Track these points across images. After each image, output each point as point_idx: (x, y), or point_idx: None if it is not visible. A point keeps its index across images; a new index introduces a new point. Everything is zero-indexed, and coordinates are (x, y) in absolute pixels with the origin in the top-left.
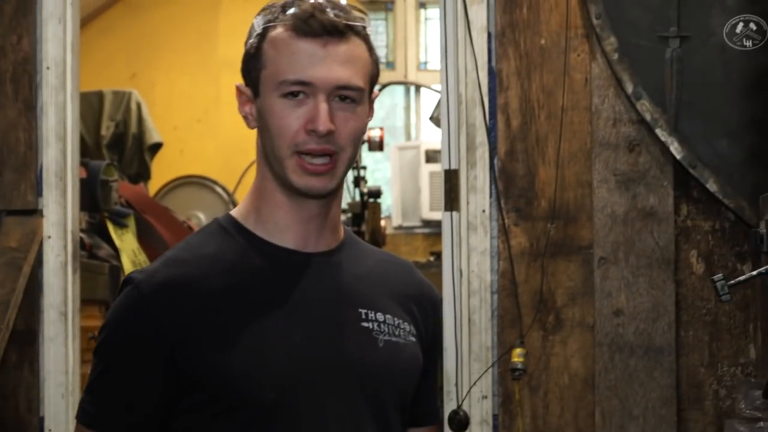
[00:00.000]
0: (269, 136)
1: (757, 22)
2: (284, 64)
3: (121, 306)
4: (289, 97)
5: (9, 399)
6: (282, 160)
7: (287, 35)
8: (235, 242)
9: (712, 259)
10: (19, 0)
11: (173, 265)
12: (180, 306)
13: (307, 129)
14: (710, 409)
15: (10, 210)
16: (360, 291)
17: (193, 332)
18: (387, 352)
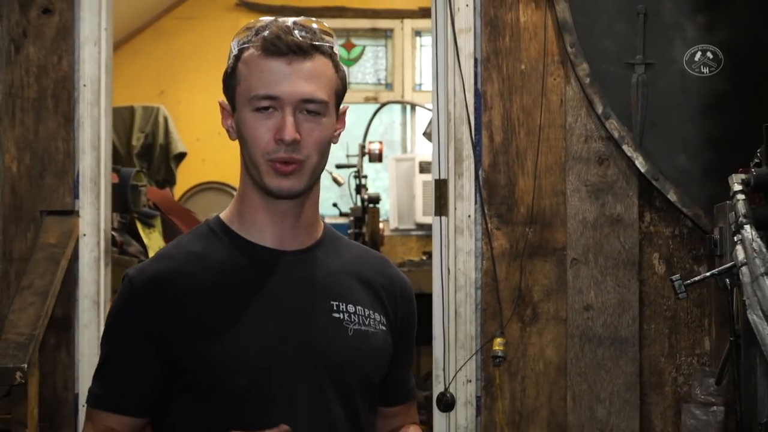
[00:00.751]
0: (246, 145)
1: (713, 51)
2: (254, 81)
3: (118, 300)
4: (260, 111)
5: (47, 378)
6: (258, 166)
7: (257, 55)
8: (220, 241)
9: (672, 261)
10: (59, 25)
11: (161, 261)
12: (167, 298)
13: (276, 139)
14: (669, 394)
15: (50, 210)
16: (333, 284)
17: (179, 321)
18: (356, 340)
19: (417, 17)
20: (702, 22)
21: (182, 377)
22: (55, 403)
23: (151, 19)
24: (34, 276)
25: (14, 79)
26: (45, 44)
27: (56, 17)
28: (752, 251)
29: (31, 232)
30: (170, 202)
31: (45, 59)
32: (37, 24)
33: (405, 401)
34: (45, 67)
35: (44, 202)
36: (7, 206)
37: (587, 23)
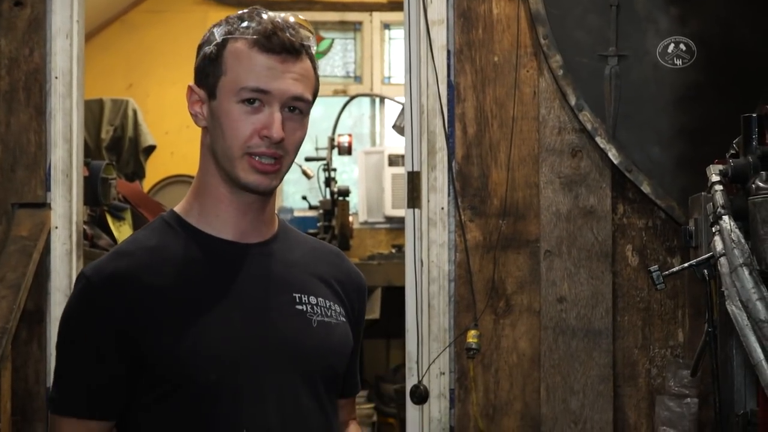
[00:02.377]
0: (221, 135)
1: (686, 43)
2: (244, 73)
3: (75, 300)
4: (245, 104)
5: (19, 371)
6: (233, 158)
7: (249, 48)
8: (178, 236)
9: (645, 253)
10: (31, 17)
11: (119, 259)
12: (126, 295)
13: (261, 134)
14: (643, 386)
15: (22, 203)
16: (293, 277)
17: (143, 318)
18: (320, 332)
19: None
20: (675, 13)
21: (148, 375)
22: (27, 397)
23: (119, 11)
24: (6, 269)
25: None
26: (17, 36)
27: (28, 9)
28: (731, 242)
29: (2, 225)
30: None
31: (16, 51)
32: (9, 16)
33: (352, 394)
34: (16, 60)
35: (16, 194)
36: None
37: (560, 15)
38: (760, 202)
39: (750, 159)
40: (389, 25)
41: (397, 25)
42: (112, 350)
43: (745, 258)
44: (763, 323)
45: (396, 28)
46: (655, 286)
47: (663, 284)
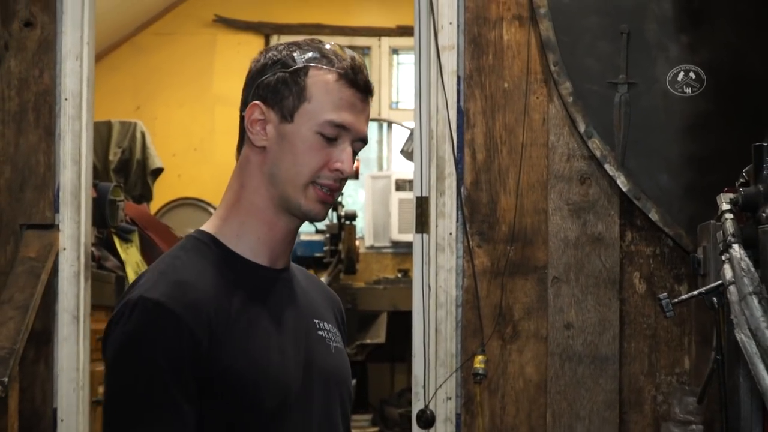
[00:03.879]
0: (290, 160)
1: (696, 72)
2: (331, 105)
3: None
4: (323, 135)
5: (26, 392)
6: (298, 185)
7: (335, 81)
8: (219, 260)
9: (653, 281)
10: (41, 38)
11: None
12: (201, 318)
13: (332, 167)
14: (649, 412)
15: (30, 224)
16: (310, 303)
17: (217, 344)
18: (338, 357)
19: (395, 35)
20: (685, 42)
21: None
22: (34, 417)
23: (128, 34)
24: (14, 290)
25: None
26: (26, 57)
27: (38, 30)
28: (740, 270)
29: (11, 246)
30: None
31: (26, 72)
32: (19, 37)
33: None
34: (26, 80)
35: (24, 215)
36: None
37: (570, 42)
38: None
39: (760, 188)
40: (397, 50)
41: (406, 50)
42: (191, 377)
43: (755, 286)
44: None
45: (404, 53)
46: (665, 313)
47: (672, 312)
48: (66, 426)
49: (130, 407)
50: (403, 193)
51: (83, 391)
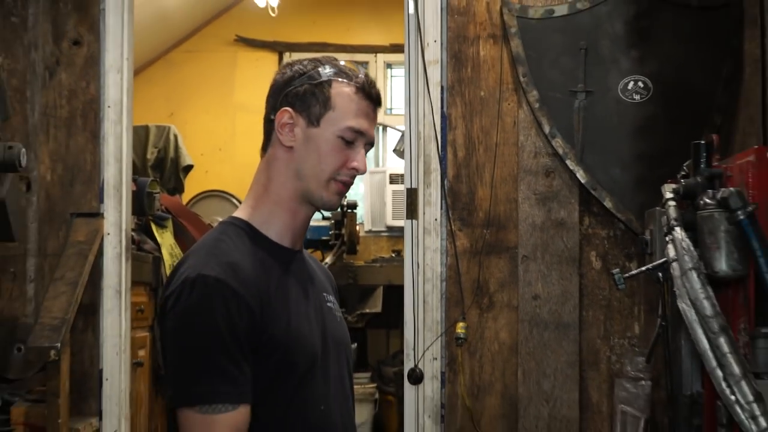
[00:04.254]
0: (315, 159)
1: (644, 81)
2: (352, 113)
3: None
4: (343, 139)
5: (76, 355)
6: (321, 180)
7: (354, 93)
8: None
9: (607, 258)
10: (87, 55)
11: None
12: (251, 291)
13: (350, 166)
14: (605, 370)
15: (79, 213)
16: (318, 278)
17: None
18: (342, 325)
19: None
20: (635, 55)
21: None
22: (83, 377)
23: (163, 51)
24: (65, 269)
25: (48, 101)
26: (75, 71)
27: (85, 48)
28: (682, 249)
29: (62, 232)
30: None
31: (75, 84)
32: (68, 54)
33: None
34: (75, 91)
35: (74, 205)
36: (42, 209)
37: (537, 57)
38: (706, 216)
39: (698, 179)
40: (391, 65)
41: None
42: (247, 342)
43: (694, 263)
44: (709, 318)
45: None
46: (617, 286)
47: (624, 285)
48: (110, 384)
49: (196, 366)
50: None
51: (125, 354)
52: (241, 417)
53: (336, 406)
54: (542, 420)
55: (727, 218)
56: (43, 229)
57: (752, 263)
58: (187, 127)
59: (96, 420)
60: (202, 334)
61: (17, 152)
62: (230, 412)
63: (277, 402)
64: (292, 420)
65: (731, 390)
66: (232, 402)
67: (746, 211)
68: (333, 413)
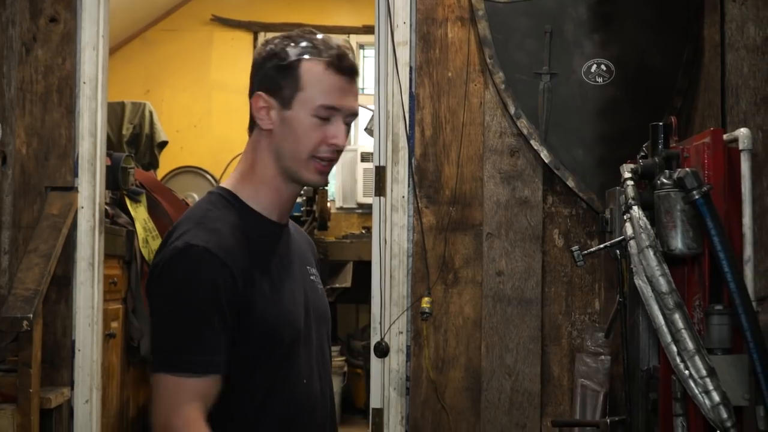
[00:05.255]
0: (293, 140)
1: (606, 64)
2: (321, 91)
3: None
4: (318, 117)
5: (49, 326)
6: (301, 160)
7: (324, 69)
8: (240, 214)
9: (569, 236)
10: (63, 32)
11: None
12: (237, 262)
13: (329, 143)
14: (566, 345)
15: (54, 186)
16: (302, 252)
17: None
18: (323, 297)
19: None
20: (598, 39)
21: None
22: (56, 348)
23: (139, 30)
24: (39, 241)
25: (25, 76)
26: (51, 48)
27: (61, 25)
28: (639, 228)
29: (37, 205)
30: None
31: (51, 60)
32: (45, 31)
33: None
34: (51, 67)
35: (49, 179)
36: (18, 183)
37: (503, 39)
38: (663, 195)
39: (656, 160)
40: (363, 46)
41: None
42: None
43: (651, 241)
44: (665, 295)
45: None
46: (576, 263)
47: (583, 262)
48: (82, 355)
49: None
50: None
51: (97, 326)
52: (209, 385)
53: (317, 379)
54: (504, 393)
55: (683, 198)
56: (18, 202)
57: (707, 242)
58: (164, 105)
59: (68, 390)
60: (186, 304)
61: None
62: (199, 378)
63: (261, 375)
64: (276, 393)
65: (685, 365)
66: (204, 371)
67: (701, 191)
68: (314, 386)
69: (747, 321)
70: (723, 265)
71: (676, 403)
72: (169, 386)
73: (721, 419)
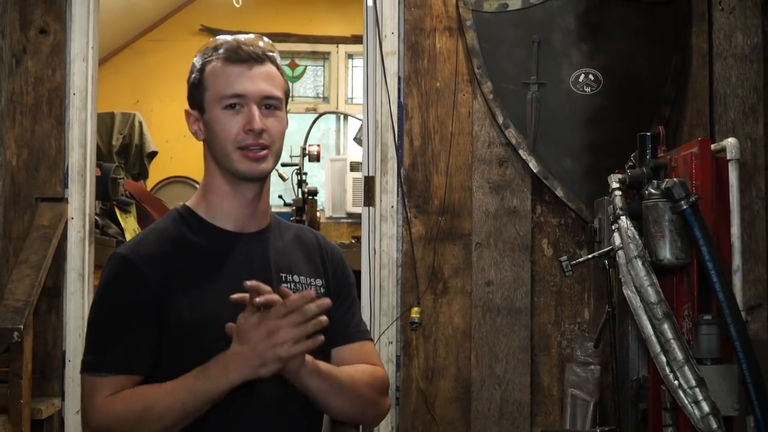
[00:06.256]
0: (216, 139)
1: (594, 74)
2: (221, 84)
3: (114, 272)
4: (228, 109)
5: (39, 337)
6: (228, 154)
7: (222, 64)
8: (190, 226)
9: (558, 246)
10: (53, 43)
11: (147, 244)
12: (159, 271)
13: (246, 129)
14: (555, 354)
15: (44, 197)
16: (281, 259)
17: (168, 293)
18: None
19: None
20: (585, 49)
21: (168, 338)
22: (46, 358)
23: (128, 40)
24: (29, 252)
25: (15, 87)
26: (41, 59)
27: (51, 37)
28: (627, 238)
29: (27, 216)
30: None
31: (41, 72)
32: (35, 42)
33: (354, 340)
34: (41, 78)
35: (39, 190)
36: (8, 194)
37: (491, 49)
38: (651, 206)
39: (644, 170)
40: (352, 55)
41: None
42: (148, 315)
43: (639, 251)
44: (653, 305)
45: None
46: (564, 273)
47: (571, 272)
48: (73, 365)
49: (92, 337)
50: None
51: None
52: (119, 385)
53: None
54: (495, 403)
55: (671, 208)
56: (8, 213)
57: (695, 252)
58: (153, 115)
59: (59, 400)
60: (103, 307)
61: None
62: (112, 377)
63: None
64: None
65: (675, 375)
66: (114, 371)
67: (689, 201)
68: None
69: (736, 331)
70: (711, 274)
71: (666, 413)
72: (83, 384)
73: (711, 429)
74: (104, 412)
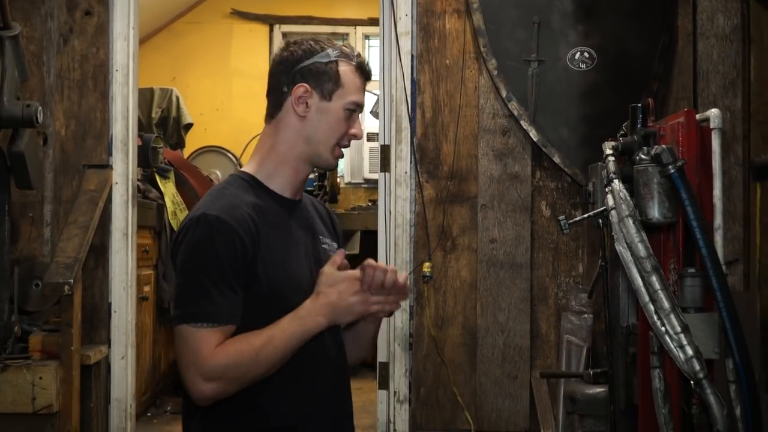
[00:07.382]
0: (327, 128)
1: (589, 52)
2: (353, 89)
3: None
4: (348, 111)
5: (88, 290)
6: (329, 146)
7: (354, 71)
8: (257, 192)
9: (556, 207)
10: (97, 24)
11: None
12: (249, 232)
13: (350, 134)
14: (552, 305)
15: (90, 164)
16: (315, 224)
17: (257, 251)
18: None
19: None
20: (581, 29)
21: (254, 293)
22: (94, 310)
23: (166, 22)
24: (78, 214)
25: (62, 65)
26: (86, 39)
27: (95, 18)
28: (619, 199)
29: (75, 181)
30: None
31: (86, 50)
32: (81, 23)
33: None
34: (86, 56)
35: (86, 158)
36: (58, 161)
37: (496, 29)
38: (642, 170)
39: (635, 138)
40: (368, 36)
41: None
42: (241, 272)
43: (630, 211)
44: (643, 259)
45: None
46: (562, 230)
47: (568, 229)
48: (118, 316)
49: (193, 290)
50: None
51: (131, 289)
52: (222, 334)
53: (329, 339)
54: (498, 348)
55: (659, 172)
56: (58, 179)
57: (681, 211)
58: (189, 90)
59: (105, 347)
60: (202, 264)
61: (34, 110)
62: (213, 327)
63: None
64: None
65: (662, 322)
66: (218, 321)
67: (676, 166)
68: (325, 346)
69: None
70: (695, 232)
71: (653, 357)
72: (188, 335)
73: (694, 371)
74: (218, 359)
